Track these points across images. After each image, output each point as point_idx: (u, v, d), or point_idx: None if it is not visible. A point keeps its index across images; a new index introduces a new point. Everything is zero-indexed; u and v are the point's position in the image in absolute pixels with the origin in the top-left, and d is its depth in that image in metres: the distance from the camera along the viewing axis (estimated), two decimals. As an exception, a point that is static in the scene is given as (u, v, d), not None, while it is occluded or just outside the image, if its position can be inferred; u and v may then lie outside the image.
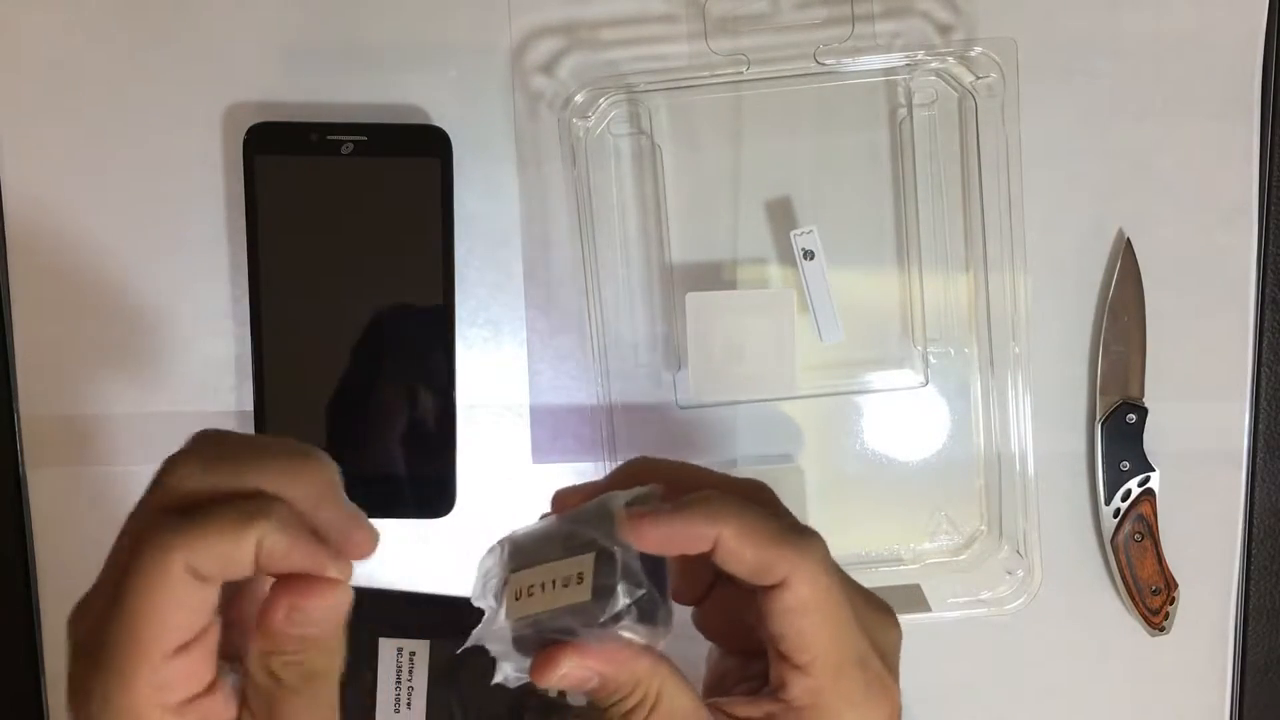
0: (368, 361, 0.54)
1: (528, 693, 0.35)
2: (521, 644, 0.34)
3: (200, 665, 0.32)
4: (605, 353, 0.54)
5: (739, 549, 0.33)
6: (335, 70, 0.55)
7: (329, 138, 0.53)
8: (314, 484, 0.33)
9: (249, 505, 0.32)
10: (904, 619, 0.54)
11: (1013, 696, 0.57)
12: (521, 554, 0.34)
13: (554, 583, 0.33)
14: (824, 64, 0.52)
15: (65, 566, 0.56)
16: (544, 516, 0.36)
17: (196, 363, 0.56)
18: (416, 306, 0.54)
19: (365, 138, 0.53)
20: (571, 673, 0.33)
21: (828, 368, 0.55)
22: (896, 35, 0.53)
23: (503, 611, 0.34)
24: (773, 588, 0.34)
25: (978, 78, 0.52)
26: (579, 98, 0.53)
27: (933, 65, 0.53)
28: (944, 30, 0.54)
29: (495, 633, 0.34)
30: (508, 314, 0.56)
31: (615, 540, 0.33)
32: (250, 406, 0.54)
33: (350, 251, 0.53)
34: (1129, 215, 0.55)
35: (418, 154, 0.53)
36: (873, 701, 0.35)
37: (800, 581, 0.34)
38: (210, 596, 0.32)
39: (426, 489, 0.54)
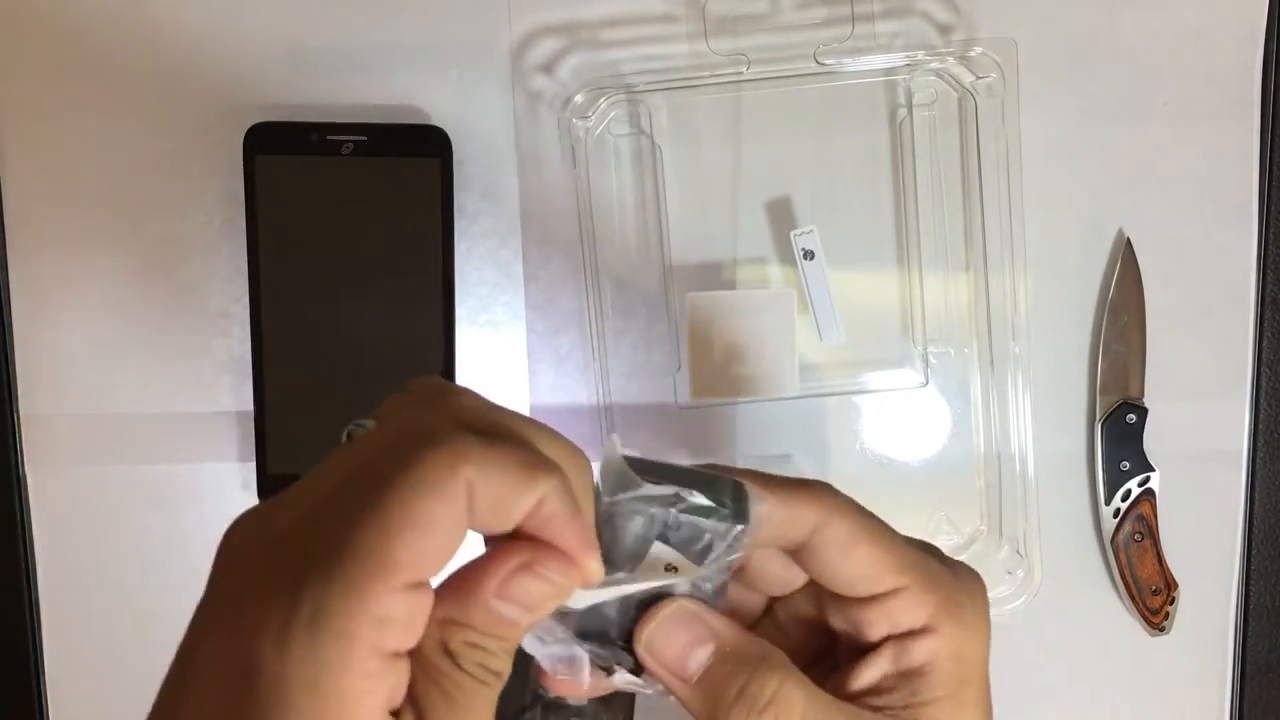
0: (368, 361, 0.54)
1: (528, 691, 0.33)
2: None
3: (420, 620, 0.27)
4: (605, 353, 0.54)
5: (768, 512, 0.32)
6: (335, 70, 0.55)
7: (329, 138, 0.53)
8: (584, 477, 0.30)
9: (545, 457, 0.28)
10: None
11: (1013, 696, 0.57)
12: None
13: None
14: (824, 64, 0.52)
15: (65, 566, 0.56)
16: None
17: (196, 362, 0.56)
18: (416, 306, 0.54)
19: (365, 138, 0.53)
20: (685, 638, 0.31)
21: (828, 368, 0.55)
22: (896, 35, 0.53)
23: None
24: (812, 540, 0.33)
25: (978, 78, 0.52)
26: (579, 98, 0.53)
27: (933, 65, 0.53)
28: (944, 30, 0.54)
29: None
30: (508, 314, 0.56)
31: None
32: (250, 406, 0.54)
33: (350, 251, 0.53)
34: (1129, 215, 0.55)
35: (418, 154, 0.53)
36: (972, 604, 0.34)
37: (836, 518, 0.33)
38: (459, 541, 0.27)
39: (426, 489, 0.54)
